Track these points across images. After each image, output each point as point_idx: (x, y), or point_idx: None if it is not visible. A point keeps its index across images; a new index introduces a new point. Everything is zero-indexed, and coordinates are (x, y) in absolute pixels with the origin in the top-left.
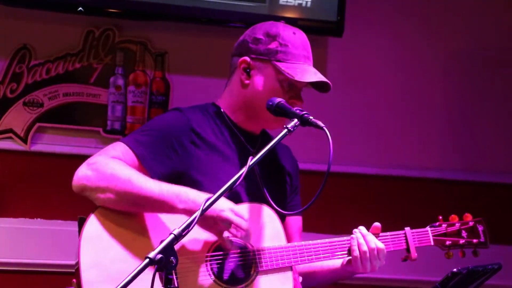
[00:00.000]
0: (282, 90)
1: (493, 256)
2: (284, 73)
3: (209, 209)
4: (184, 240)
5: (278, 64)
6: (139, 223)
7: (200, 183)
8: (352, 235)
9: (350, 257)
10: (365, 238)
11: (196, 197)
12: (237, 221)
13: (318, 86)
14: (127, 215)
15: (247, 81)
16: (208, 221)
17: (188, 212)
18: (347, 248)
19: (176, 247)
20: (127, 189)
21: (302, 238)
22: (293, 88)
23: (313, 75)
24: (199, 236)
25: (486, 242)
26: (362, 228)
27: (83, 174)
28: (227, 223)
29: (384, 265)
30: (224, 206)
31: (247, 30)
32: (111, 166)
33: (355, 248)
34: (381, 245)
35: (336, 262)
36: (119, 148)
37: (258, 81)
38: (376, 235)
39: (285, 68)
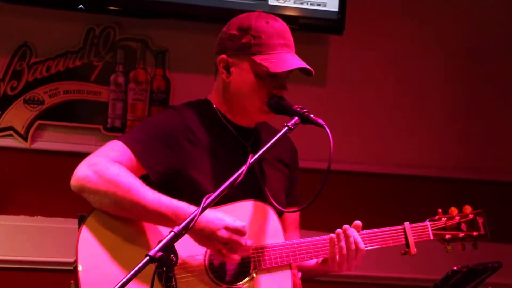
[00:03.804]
0: (264, 82)
1: (493, 255)
2: (259, 66)
3: (204, 224)
4: (182, 239)
5: (254, 57)
6: (136, 225)
7: (195, 180)
8: (332, 234)
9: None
10: (346, 239)
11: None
12: (234, 239)
13: (303, 70)
14: (124, 217)
15: (228, 79)
16: (201, 236)
17: None
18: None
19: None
20: (126, 197)
21: (299, 230)
22: (275, 78)
23: (289, 63)
24: None
25: (486, 234)
26: (347, 227)
27: (83, 174)
28: (224, 242)
29: (384, 263)
30: (219, 225)
31: (225, 26)
32: (113, 171)
33: (333, 248)
34: (361, 246)
35: (311, 261)
36: (117, 147)
37: (238, 77)
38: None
39: (260, 61)
